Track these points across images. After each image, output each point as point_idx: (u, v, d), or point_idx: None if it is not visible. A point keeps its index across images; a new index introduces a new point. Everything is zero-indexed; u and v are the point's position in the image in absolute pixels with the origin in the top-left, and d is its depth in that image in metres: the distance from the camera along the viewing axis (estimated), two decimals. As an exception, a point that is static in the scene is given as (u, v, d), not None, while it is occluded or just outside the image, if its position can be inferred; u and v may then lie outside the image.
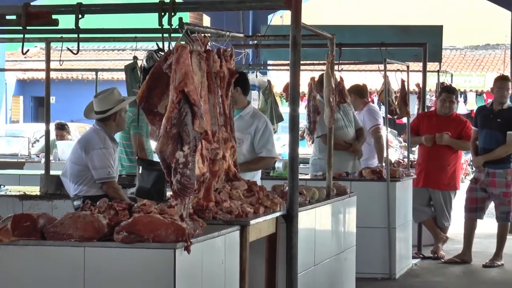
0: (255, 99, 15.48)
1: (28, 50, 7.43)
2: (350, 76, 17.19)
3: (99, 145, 9.12)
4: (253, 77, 15.60)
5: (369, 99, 15.66)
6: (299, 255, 7.93)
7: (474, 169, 13.73)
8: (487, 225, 13.69)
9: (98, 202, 6.74)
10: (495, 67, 29.33)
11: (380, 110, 15.59)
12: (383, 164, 12.74)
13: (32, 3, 7.83)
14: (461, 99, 24.20)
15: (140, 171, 9.83)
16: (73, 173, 9.18)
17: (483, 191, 12.99)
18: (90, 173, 9.07)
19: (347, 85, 13.93)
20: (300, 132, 11.19)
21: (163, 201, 7.03)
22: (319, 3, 18.75)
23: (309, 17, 10.55)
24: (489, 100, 25.24)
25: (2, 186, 11.42)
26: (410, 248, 13.23)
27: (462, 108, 25.31)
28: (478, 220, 13.36)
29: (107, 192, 8.99)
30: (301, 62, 8.16)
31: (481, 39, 32.29)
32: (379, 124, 13.86)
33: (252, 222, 7.16)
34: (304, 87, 12.69)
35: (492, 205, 13.25)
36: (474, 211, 13.18)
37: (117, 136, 10.14)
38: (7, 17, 7.60)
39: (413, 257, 13.47)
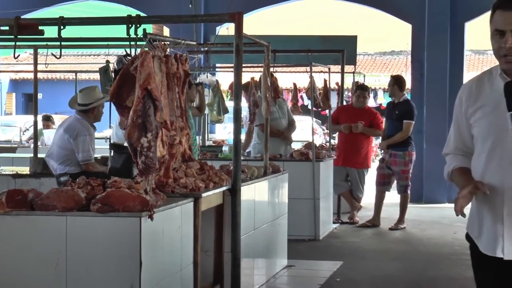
0: (206, 95, 15.45)
1: (19, 55, 7.37)
2: (283, 76, 17.14)
3: (85, 132, 9.22)
4: (204, 77, 15.59)
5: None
6: (242, 221, 7.94)
7: (381, 151, 13.79)
8: (392, 196, 13.76)
9: (77, 179, 6.69)
10: (399, 69, 29.57)
11: (307, 104, 15.60)
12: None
13: (22, 16, 7.77)
14: (371, 95, 24.27)
15: (111, 154, 9.81)
16: (60, 156, 9.17)
17: (388, 169, 13.12)
18: (75, 155, 9.08)
19: (280, 84, 13.99)
20: (241, 122, 11.20)
21: (130, 178, 6.97)
22: (258, 17, 18.73)
23: (249, 29, 10.52)
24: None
25: (-3, 166, 11.43)
26: (331, 215, 13.28)
27: (372, 102, 25.43)
28: (386, 192, 13.48)
29: (87, 169, 9.02)
30: (243, 65, 8.15)
31: (387, 47, 32.59)
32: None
33: (204, 195, 7.16)
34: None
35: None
36: (382, 185, 13.30)
37: None
38: (1, 28, 7.56)
39: (334, 222, 13.51)
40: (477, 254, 3.91)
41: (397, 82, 13.31)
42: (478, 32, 21.37)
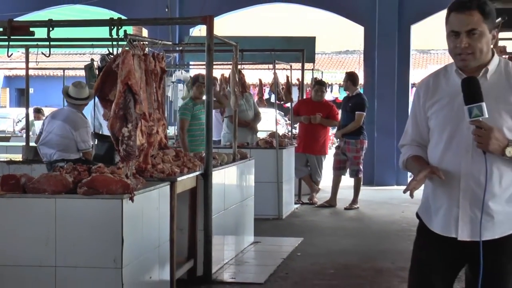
0: (181, 90, 15.41)
1: (12, 54, 7.32)
2: (249, 73, 17.15)
3: (85, 124, 9.28)
4: (179, 74, 15.53)
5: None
6: (213, 202, 7.95)
7: (337, 139, 13.84)
8: (347, 179, 13.80)
9: (65, 166, 6.67)
10: (353, 66, 29.58)
11: (270, 98, 15.60)
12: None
13: (14, 19, 7.72)
14: (328, 90, 24.33)
15: (96, 143, 9.79)
16: (60, 144, 9.11)
17: (343, 155, 13.17)
18: (73, 144, 9.06)
19: (247, 79, 13.99)
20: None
21: (113, 164, 6.95)
22: (227, 20, 18.70)
23: (219, 30, 10.50)
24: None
25: (-7, 153, 11.37)
26: (293, 197, 13.31)
27: (329, 96, 25.47)
28: (341, 176, 13.52)
29: (86, 157, 9.03)
30: (214, 62, 8.14)
31: (343, 46, 32.57)
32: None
33: (179, 179, 7.16)
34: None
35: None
36: (338, 169, 13.35)
37: None
38: (-4, 29, 7.52)
39: (295, 203, 13.54)
40: (425, 231, 3.92)
41: (351, 78, 13.38)
42: (422, 34, 21.57)
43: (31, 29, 7.51)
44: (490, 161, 3.65)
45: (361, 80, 15.72)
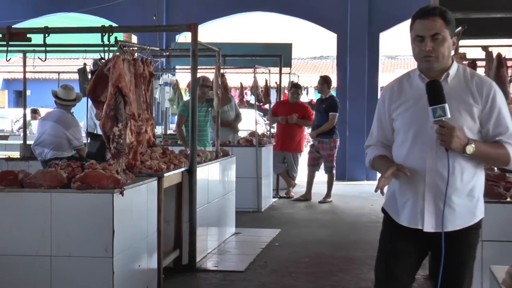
0: (168, 92, 15.41)
1: (10, 58, 7.29)
2: (231, 76, 17.14)
3: (76, 123, 9.26)
4: (166, 77, 15.55)
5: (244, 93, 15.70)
6: (197, 196, 7.97)
7: (312, 138, 13.86)
8: (321, 175, 13.83)
9: (60, 162, 6.65)
10: (327, 70, 29.58)
11: (250, 99, 15.63)
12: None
13: (13, 26, 7.69)
14: (304, 92, 24.37)
15: (88, 141, 9.77)
16: (53, 143, 9.07)
17: (317, 153, 13.20)
18: (67, 142, 9.03)
19: (229, 83, 14.00)
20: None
21: (104, 161, 6.94)
22: (211, 27, 18.71)
23: (203, 37, 10.51)
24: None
25: (-8, 152, 11.32)
26: (271, 191, 13.32)
27: (304, 98, 25.52)
28: (316, 172, 13.55)
29: (80, 153, 9.00)
30: (198, 67, 8.14)
31: (317, 52, 32.61)
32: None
33: (166, 175, 7.16)
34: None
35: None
36: (312, 166, 13.37)
37: None
38: (-5, 35, 7.49)
39: (273, 197, 13.55)
40: (390, 223, 3.94)
41: (325, 81, 13.41)
42: (390, 41, 21.60)
43: (28, 35, 7.48)
44: (452, 158, 3.68)
45: (334, 84, 15.76)
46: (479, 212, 3.85)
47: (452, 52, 3.87)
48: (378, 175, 3.92)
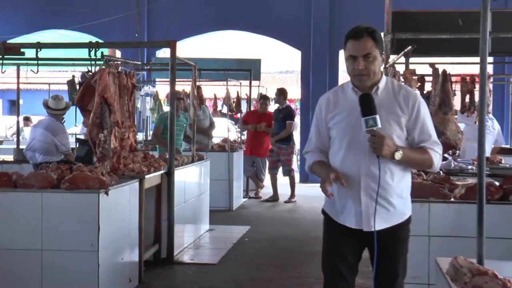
0: (148, 102, 15.38)
1: (5, 70, 7.25)
2: (206, 88, 17.14)
3: (63, 131, 9.18)
4: (147, 89, 15.54)
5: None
6: (175, 196, 7.96)
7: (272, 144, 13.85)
8: (286, 179, 13.86)
9: (50, 165, 6.64)
10: (292, 84, 29.69)
11: (222, 109, 15.64)
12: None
13: (7, 41, 7.65)
14: (272, 103, 24.39)
15: (77, 146, 9.73)
16: (42, 149, 9.02)
17: (276, 157, 13.22)
18: (55, 147, 8.97)
19: (204, 94, 13.99)
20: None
21: (91, 164, 6.93)
22: (188, 43, 18.71)
23: (181, 52, 10.51)
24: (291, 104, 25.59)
25: (-11, 156, 11.22)
26: (241, 192, 13.33)
27: (272, 108, 25.57)
28: (277, 174, 13.53)
29: (67, 158, 8.93)
30: (176, 79, 8.14)
31: (284, 67, 32.71)
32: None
33: (146, 177, 7.16)
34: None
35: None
36: (272, 168, 13.36)
37: None
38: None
39: (244, 197, 13.57)
40: (331, 224, 3.95)
41: (281, 93, 13.47)
42: (349, 57, 21.68)
43: (22, 49, 7.46)
44: (383, 163, 3.72)
45: (298, 95, 15.81)
46: (408, 210, 3.91)
47: (382, 67, 3.91)
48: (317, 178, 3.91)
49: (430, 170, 3.94)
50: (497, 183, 5.89)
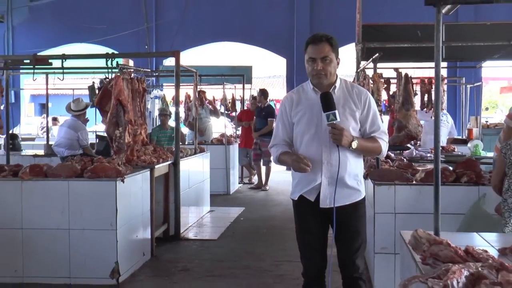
0: (157, 104, 15.35)
1: (36, 78, 7.24)
2: (206, 91, 17.11)
3: (83, 128, 9.13)
4: (156, 92, 15.49)
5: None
6: (181, 183, 7.97)
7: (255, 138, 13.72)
8: (276, 169, 13.83)
9: (74, 158, 6.63)
10: (279, 87, 29.65)
11: (220, 108, 15.62)
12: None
13: (38, 53, 7.64)
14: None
15: (97, 141, 9.72)
16: (67, 144, 9.01)
17: (259, 150, 13.06)
18: (76, 143, 8.94)
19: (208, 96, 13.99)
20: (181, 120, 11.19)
21: (109, 156, 6.93)
22: (190, 53, 18.67)
23: (184, 61, 10.48)
24: (276, 104, 25.59)
25: (24, 150, 11.18)
26: (237, 178, 13.34)
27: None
28: (261, 164, 13.38)
29: (85, 151, 8.90)
30: (180, 84, 8.13)
31: (272, 72, 32.65)
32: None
33: (156, 166, 7.16)
34: (183, 97, 12.68)
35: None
36: (256, 160, 13.14)
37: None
38: (25, 61, 7.45)
39: (239, 183, 13.58)
40: (298, 206, 3.92)
41: (263, 93, 13.38)
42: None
43: (50, 60, 7.44)
44: (342, 152, 3.73)
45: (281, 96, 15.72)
46: (363, 190, 3.91)
47: (337, 69, 3.87)
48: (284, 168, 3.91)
49: (379, 156, 3.96)
50: (451, 168, 5.94)
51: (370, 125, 3.84)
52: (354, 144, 3.69)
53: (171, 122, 10.94)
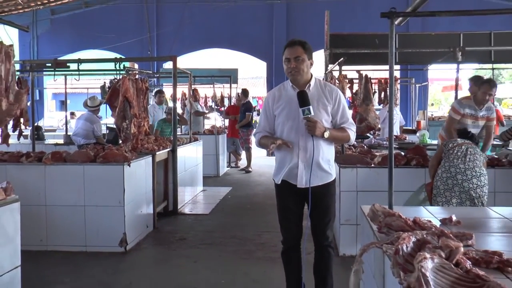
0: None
1: (56, 79, 7.18)
2: (199, 89, 17.04)
3: (98, 121, 9.04)
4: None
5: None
6: (178, 167, 7.94)
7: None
8: (259, 154, 13.79)
9: (89, 146, 6.58)
10: (260, 87, 29.57)
11: (211, 105, 15.55)
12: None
13: (58, 58, 7.57)
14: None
15: (107, 132, 9.65)
16: (84, 134, 8.93)
17: (241, 139, 12.96)
18: (92, 133, 8.87)
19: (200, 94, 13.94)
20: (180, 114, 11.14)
21: (118, 145, 6.88)
22: (185, 57, 18.58)
23: (181, 64, 10.42)
24: (259, 100, 25.53)
25: (46, 139, 11.09)
26: (225, 163, 13.27)
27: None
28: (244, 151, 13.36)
29: (99, 141, 8.83)
30: (177, 84, 8.09)
31: (254, 74, 32.52)
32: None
33: (157, 153, 7.13)
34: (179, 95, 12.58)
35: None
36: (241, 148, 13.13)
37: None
38: (47, 64, 7.38)
39: (227, 167, 13.54)
40: (279, 187, 3.89)
41: (243, 92, 13.33)
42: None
43: (68, 64, 7.36)
44: (316, 140, 3.72)
45: (265, 94, 15.72)
46: (334, 173, 3.90)
47: (311, 69, 3.86)
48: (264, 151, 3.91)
49: (349, 143, 3.96)
50: (402, 153, 5.98)
51: (340, 117, 3.83)
52: (326, 134, 3.69)
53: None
